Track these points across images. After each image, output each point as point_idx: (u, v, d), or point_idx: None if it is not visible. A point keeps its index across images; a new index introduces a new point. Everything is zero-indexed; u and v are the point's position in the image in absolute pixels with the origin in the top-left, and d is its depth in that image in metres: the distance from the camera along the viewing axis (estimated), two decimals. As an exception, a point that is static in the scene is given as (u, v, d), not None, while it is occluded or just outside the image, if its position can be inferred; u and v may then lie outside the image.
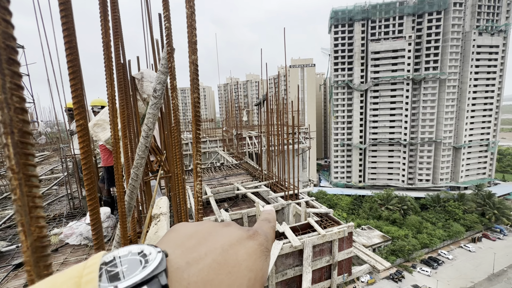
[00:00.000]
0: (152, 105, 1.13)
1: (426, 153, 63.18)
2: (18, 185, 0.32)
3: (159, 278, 0.22)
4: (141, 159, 1.11)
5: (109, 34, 0.89)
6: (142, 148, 1.10)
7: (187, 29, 0.66)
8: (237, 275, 0.28)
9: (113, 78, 0.95)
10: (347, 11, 64.73)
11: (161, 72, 1.09)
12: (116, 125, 0.93)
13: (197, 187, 0.74)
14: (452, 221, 48.14)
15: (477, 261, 41.40)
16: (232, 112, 20.47)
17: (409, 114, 63.41)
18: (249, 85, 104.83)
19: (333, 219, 7.18)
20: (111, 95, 0.94)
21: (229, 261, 0.28)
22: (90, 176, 0.62)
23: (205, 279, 0.25)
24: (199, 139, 0.71)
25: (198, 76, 0.69)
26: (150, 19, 2.53)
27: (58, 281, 0.20)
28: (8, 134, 0.31)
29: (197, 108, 0.69)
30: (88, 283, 0.20)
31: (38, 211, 0.34)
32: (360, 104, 66.76)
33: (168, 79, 1.14)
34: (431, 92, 61.43)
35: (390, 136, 65.52)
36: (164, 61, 1.04)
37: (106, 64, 0.93)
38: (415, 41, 62.13)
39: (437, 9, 59.16)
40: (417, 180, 64.32)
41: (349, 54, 66.12)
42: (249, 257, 0.30)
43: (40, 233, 0.34)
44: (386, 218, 49.59)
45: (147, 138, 1.12)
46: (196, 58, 0.67)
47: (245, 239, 0.33)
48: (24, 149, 0.32)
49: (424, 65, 61.50)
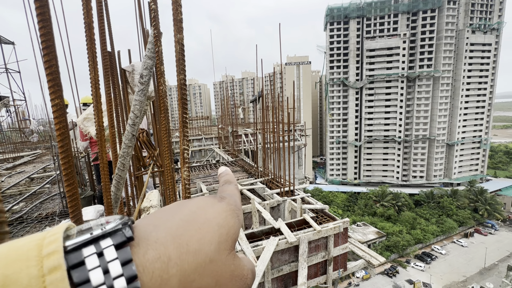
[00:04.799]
0: (138, 92, 1.08)
1: (420, 150, 63.96)
2: None
3: (123, 230, 0.22)
4: (127, 148, 1.07)
5: (91, 14, 0.85)
6: (128, 136, 1.06)
7: (172, 6, 0.62)
8: (207, 230, 0.28)
9: (96, 62, 0.89)
10: (342, 8, 64.78)
11: (148, 57, 1.04)
12: (100, 111, 0.88)
13: (184, 174, 0.70)
14: (445, 216, 48.93)
15: (469, 255, 42.21)
16: (228, 110, 20.37)
17: (404, 112, 64.00)
18: (245, 82, 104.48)
19: (328, 215, 7.19)
20: (94, 79, 0.89)
21: (198, 219, 0.29)
22: (69, 165, 0.58)
23: (174, 234, 0.25)
24: (186, 124, 0.67)
25: (185, 56, 0.66)
26: (141, 11, 2.47)
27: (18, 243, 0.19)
28: None
29: (183, 91, 0.65)
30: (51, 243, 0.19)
31: None
32: (356, 101, 67.12)
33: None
34: (425, 90, 62.05)
35: (385, 133, 66.10)
36: (151, 46, 0.99)
37: (88, 47, 0.88)
38: (410, 39, 62.58)
39: (431, 7, 59.62)
40: (411, 176, 65.13)
41: (344, 51, 66.29)
42: (219, 215, 0.31)
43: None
44: (381, 214, 50.16)
45: (133, 126, 1.07)
46: (182, 37, 0.63)
47: (214, 203, 0.33)
48: None
49: (419, 63, 62.05)
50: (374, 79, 64.59)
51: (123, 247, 0.21)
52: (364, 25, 64.50)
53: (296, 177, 13.39)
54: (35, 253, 0.18)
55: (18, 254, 0.18)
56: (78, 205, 0.60)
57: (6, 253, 0.18)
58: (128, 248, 0.21)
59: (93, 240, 0.20)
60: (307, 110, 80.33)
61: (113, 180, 1.07)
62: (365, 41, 64.53)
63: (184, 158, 0.69)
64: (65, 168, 0.58)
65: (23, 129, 20.44)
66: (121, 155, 1.07)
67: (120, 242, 0.21)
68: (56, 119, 0.54)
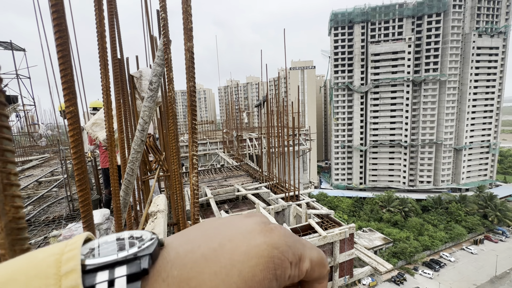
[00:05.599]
0: (148, 98, 1.11)
1: (427, 155, 63.08)
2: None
3: (141, 260, 0.20)
4: (136, 153, 1.09)
5: (104, 24, 0.88)
6: (137, 142, 1.08)
7: (182, 15, 0.64)
8: (223, 279, 0.21)
9: (107, 69, 0.92)
10: (346, 13, 65.02)
11: (157, 64, 1.07)
12: (111, 117, 0.90)
13: (193, 179, 0.71)
14: (453, 223, 47.89)
15: (480, 263, 41.10)
16: (233, 114, 20.47)
17: (410, 116, 63.42)
18: (250, 87, 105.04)
19: (334, 220, 7.12)
20: (105, 87, 0.91)
21: (221, 258, 0.22)
22: (82, 170, 0.60)
23: (185, 275, 0.21)
24: (196, 130, 0.68)
25: (194, 64, 0.67)
26: (149, 18, 2.53)
27: (38, 257, 0.19)
28: None
29: (193, 98, 0.66)
30: (70, 260, 0.18)
31: (14, 190, 0.31)
32: (361, 106, 66.83)
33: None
34: (431, 94, 61.49)
35: (390, 138, 65.48)
36: (161, 53, 1.02)
37: (100, 55, 0.91)
38: (415, 43, 62.33)
39: (436, 11, 59.41)
40: (418, 182, 64.15)
41: (349, 56, 66.31)
42: (248, 260, 0.22)
43: (16, 213, 0.31)
44: (387, 220, 49.37)
45: (143, 132, 1.09)
46: (191, 45, 0.65)
47: (255, 233, 0.25)
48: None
49: (424, 67, 61.65)
50: (379, 83, 64.31)
51: (135, 280, 0.19)
52: (369, 29, 64.54)
53: (301, 181, 13.31)
54: (54, 270, 0.18)
55: (38, 271, 0.18)
56: (90, 210, 0.61)
57: (26, 270, 0.18)
58: (139, 283, 0.19)
59: (109, 265, 0.19)
60: (311, 114, 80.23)
61: (122, 185, 1.08)
62: (370, 45, 64.48)
63: (193, 163, 0.70)
64: (78, 174, 0.59)
65: (32, 133, 20.85)
66: (130, 160, 1.09)
67: (133, 273, 0.19)
68: (70, 125, 0.56)
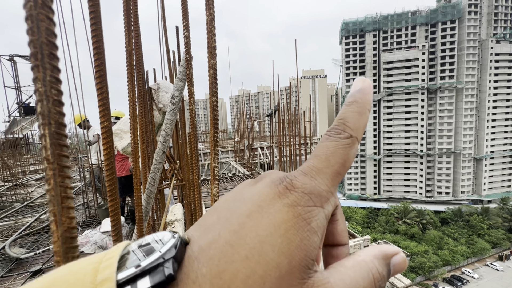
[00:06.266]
0: (170, 111, 1.17)
1: (445, 165, 60.72)
2: (52, 175, 0.32)
3: (164, 266, 0.18)
4: (158, 164, 1.14)
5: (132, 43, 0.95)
6: (159, 153, 1.13)
7: (206, 35, 0.69)
8: (258, 261, 0.18)
9: (134, 85, 0.99)
10: (358, 22, 65.16)
11: (179, 79, 1.14)
12: (136, 130, 0.97)
13: (214, 190, 0.74)
14: (476, 237, 45.33)
15: (506, 281, 38.42)
16: (244, 123, 20.65)
17: (425, 124, 61.69)
18: (261, 96, 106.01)
19: (348, 231, 6.93)
20: (132, 101, 0.98)
21: (247, 239, 0.19)
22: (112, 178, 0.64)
23: (215, 270, 0.18)
24: (217, 142, 0.71)
25: (217, 80, 0.71)
26: (166, 32, 2.65)
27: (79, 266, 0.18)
28: (46, 125, 0.32)
29: (215, 112, 0.70)
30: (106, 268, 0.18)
31: (69, 202, 0.34)
32: (374, 114, 65.78)
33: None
34: (448, 102, 59.75)
35: (405, 147, 63.72)
36: (183, 69, 1.09)
37: (128, 72, 0.99)
38: (429, 50, 61.28)
39: (451, 18, 58.47)
40: (436, 192, 61.60)
41: (361, 64, 65.96)
42: (276, 230, 0.20)
43: (70, 223, 0.34)
44: (403, 232, 47.42)
45: (164, 144, 1.15)
46: (215, 62, 0.69)
47: (270, 199, 0.22)
48: (59, 140, 0.33)
49: (440, 74, 60.27)
50: (392, 92, 63.30)
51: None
52: (381, 37, 64.20)
53: (313, 191, 13.00)
54: (90, 278, 0.17)
55: (76, 279, 0.17)
56: (118, 220, 0.65)
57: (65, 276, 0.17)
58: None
59: (131, 279, 0.17)
60: (323, 123, 79.66)
61: (144, 195, 1.13)
62: (382, 53, 63.97)
63: (215, 174, 0.72)
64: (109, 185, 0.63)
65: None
66: (152, 171, 1.14)
67: (158, 283, 0.17)
68: (105, 139, 0.61)
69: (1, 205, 7.71)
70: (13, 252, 4.25)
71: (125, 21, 0.91)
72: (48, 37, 0.31)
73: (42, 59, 0.31)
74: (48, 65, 0.31)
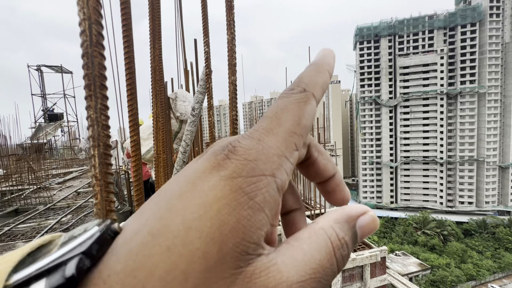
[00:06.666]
0: (190, 123, 1.22)
1: (467, 173, 57.82)
2: (100, 190, 0.37)
3: (66, 266, 0.14)
4: (178, 173, 1.19)
5: (157, 60, 1.02)
6: (180, 163, 1.19)
7: (227, 52, 0.73)
8: (180, 252, 0.15)
9: (158, 99, 1.06)
10: (372, 27, 64.39)
11: (200, 92, 1.20)
12: (159, 141, 1.02)
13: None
14: (503, 250, 42.52)
15: (539, 300, 35.65)
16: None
17: (445, 131, 59.30)
18: (273, 102, 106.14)
19: (363, 242, 6.73)
20: (156, 114, 1.05)
21: (172, 226, 0.16)
22: (139, 188, 0.69)
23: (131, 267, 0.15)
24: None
25: (237, 95, 0.75)
26: (184, 44, 2.77)
27: None
28: (95, 147, 0.37)
29: (235, 125, 0.74)
30: None
31: (112, 215, 0.38)
32: (390, 120, 64.09)
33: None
34: (469, 107, 57.28)
35: (424, 154, 61.39)
36: (203, 82, 1.15)
37: (152, 86, 1.06)
38: (448, 54, 59.34)
39: (471, 21, 56.54)
40: (458, 202, 58.61)
41: (375, 70, 64.83)
42: (207, 211, 0.16)
43: None
44: (423, 243, 45.27)
45: (185, 154, 1.21)
46: (235, 78, 0.73)
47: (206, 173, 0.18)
48: (106, 160, 0.37)
49: (460, 79, 58.06)
50: (409, 97, 61.58)
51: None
52: (396, 42, 62.99)
53: (326, 199, 12.76)
54: None
55: None
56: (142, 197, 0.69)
57: None
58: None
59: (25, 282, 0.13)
60: (337, 129, 78.51)
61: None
62: (398, 58, 62.64)
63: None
64: (136, 190, 0.68)
65: (73, 147, 22.79)
66: (173, 180, 1.20)
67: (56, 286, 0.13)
68: (133, 152, 0.66)
69: (26, 207, 8.13)
70: (37, 253, 4.45)
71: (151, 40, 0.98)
72: (100, 71, 0.35)
73: (94, 90, 0.35)
74: (99, 94, 0.35)
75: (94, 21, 0.35)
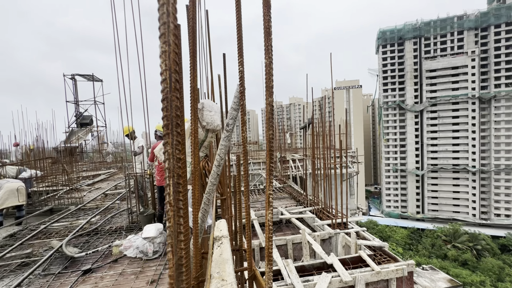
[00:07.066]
0: (224, 138, 1.29)
1: (504, 183, 53.37)
2: (172, 215, 0.42)
3: None
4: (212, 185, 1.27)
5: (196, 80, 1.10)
6: (214, 175, 1.26)
7: (265, 75, 0.77)
8: None
9: (197, 116, 1.13)
10: (396, 30, 62.37)
11: (233, 109, 1.27)
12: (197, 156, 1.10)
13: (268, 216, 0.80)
14: (547, 270, 38.48)
15: None
16: (276, 135, 20.72)
17: (478, 137, 55.38)
18: (292, 108, 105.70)
19: (388, 254, 6.43)
20: (194, 130, 1.12)
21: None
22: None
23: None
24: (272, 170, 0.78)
25: (273, 115, 0.78)
26: (210, 56, 2.88)
27: None
28: (171, 177, 0.42)
29: (271, 144, 0.77)
30: None
31: (182, 237, 0.43)
32: (415, 126, 61.12)
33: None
34: (505, 112, 53.16)
35: (454, 162, 57.64)
36: (236, 99, 1.21)
37: (192, 105, 1.14)
38: (480, 56, 55.76)
39: (506, 21, 52.91)
40: (494, 214, 54.12)
41: (399, 73, 62.44)
42: None
43: (181, 253, 0.43)
44: (453, 258, 42.14)
45: (219, 167, 1.28)
46: (272, 100, 0.77)
47: None
48: (178, 188, 0.43)
49: (494, 82, 54.21)
50: (437, 101, 58.45)
51: None
52: (422, 45, 60.37)
53: (347, 207, 12.41)
54: None
55: None
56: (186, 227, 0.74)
57: None
58: None
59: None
60: (358, 135, 76.20)
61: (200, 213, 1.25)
62: (424, 61, 59.91)
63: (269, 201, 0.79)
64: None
65: (101, 150, 24.11)
66: (207, 192, 1.27)
67: None
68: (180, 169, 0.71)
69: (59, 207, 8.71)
70: (68, 251, 4.75)
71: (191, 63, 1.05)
72: (176, 112, 0.41)
73: (171, 129, 0.41)
74: (175, 132, 0.41)
75: (173, 71, 0.40)
